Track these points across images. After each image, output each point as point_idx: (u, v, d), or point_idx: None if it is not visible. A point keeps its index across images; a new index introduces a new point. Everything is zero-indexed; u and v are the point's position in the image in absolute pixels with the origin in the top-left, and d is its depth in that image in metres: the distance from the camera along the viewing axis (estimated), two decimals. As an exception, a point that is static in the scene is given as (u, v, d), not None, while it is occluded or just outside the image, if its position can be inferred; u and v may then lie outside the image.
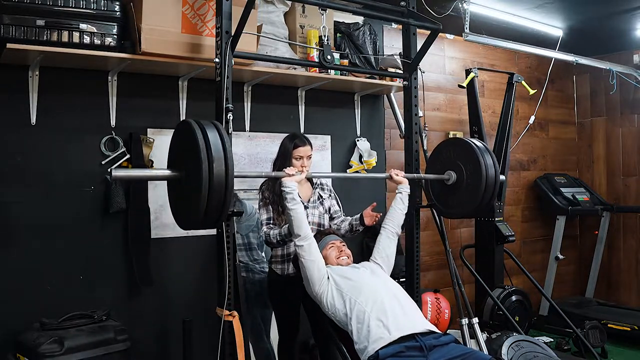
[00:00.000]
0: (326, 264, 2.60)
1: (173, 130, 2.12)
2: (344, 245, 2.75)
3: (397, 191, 2.81)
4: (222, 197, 1.93)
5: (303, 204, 2.92)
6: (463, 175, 2.81)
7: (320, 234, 2.76)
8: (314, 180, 2.98)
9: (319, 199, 2.94)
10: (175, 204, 2.14)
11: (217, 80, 2.38)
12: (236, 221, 2.75)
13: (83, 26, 2.59)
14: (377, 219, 2.83)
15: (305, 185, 2.95)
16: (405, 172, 3.03)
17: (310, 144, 2.89)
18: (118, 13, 2.67)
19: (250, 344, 2.75)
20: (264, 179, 2.92)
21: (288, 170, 2.50)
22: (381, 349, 2.21)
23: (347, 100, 3.85)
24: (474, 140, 2.86)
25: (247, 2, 2.36)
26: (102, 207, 2.89)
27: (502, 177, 2.84)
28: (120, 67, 2.85)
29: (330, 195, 3.02)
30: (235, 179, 1.98)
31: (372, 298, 2.36)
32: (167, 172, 2.07)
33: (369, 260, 2.74)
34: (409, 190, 2.82)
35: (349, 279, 2.47)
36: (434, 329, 2.36)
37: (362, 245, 3.85)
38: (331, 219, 3.01)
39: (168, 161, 2.15)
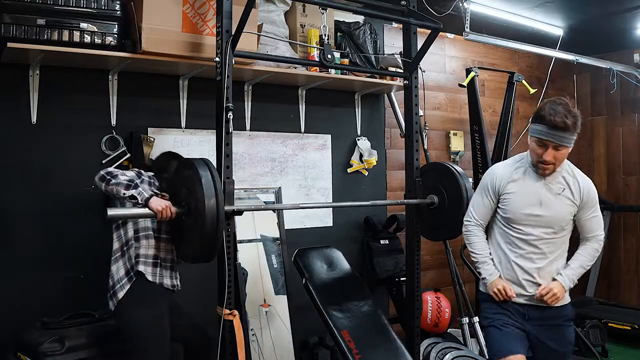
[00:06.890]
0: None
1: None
2: (559, 150, 2.27)
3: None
4: (215, 230, 2.10)
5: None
6: (445, 199, 2.86)
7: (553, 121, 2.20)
8: None
9: None
10: (175, 237, 2.39)
11: (217, 80, 2.38)
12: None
13: (84, 25, 2.59)
14: None
15: None
16: (405, 172, 3.05)
17: None
18: (119, 12, 2.67)
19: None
20: None
21: None
22: None
23: (348, 99, 3.85)
24: (454, 165, 2.91)
25: (247, 2, 2.36)
26: (102, 207, 2.88)
27: None
28: (121, 66, 2.84)
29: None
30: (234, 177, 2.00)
31: None
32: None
33: None
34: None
35: None
36: None
37: (362, 244, 3.85)
38: None
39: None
